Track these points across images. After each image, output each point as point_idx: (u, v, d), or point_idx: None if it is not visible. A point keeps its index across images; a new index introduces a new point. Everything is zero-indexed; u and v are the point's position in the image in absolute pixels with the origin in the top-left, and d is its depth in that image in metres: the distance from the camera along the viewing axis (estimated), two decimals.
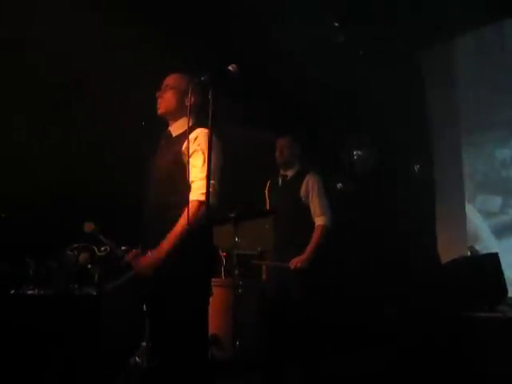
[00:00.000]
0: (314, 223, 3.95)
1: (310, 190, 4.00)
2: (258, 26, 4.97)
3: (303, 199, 3.99)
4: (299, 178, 4.06)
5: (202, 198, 2.50)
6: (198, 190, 2.57)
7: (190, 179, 2.66)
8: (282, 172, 4.17)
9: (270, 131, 4.64)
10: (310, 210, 3.99)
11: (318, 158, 5.07)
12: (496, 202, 5.25)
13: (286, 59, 5.14)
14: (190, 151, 2.67)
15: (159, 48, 4.59)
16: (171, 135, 2.86)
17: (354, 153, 6.00)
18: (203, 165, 2.58)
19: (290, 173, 4.13)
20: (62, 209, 4.32)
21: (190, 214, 2.53)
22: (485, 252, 4.62)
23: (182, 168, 2.66)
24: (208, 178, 2.32)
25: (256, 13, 4.85)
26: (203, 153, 2.61)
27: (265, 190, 4.30)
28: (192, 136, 2.69)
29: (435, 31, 5.41)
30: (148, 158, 2.97)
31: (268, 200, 4.25)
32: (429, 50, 5.87)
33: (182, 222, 2.55)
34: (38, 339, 3.21)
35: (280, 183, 4.17)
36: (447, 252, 5.12)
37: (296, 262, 3.79)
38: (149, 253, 2.63)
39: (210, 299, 2.72)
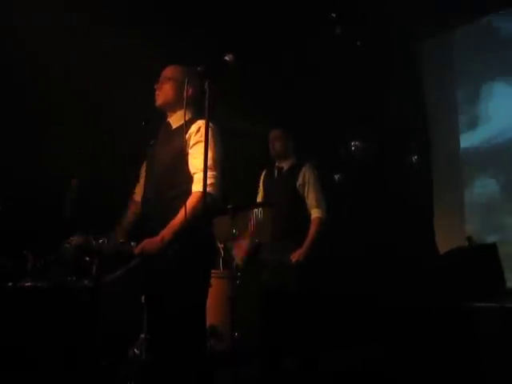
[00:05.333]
0: (310, 214, 3.97)
1: (307, 181, 4.01)
2: (255, 16, 4.97)
3: (300, 191, 4.00)
4: (295, 169, 4.08)
5: (207, 189, 2.48)
6: (201, 181, 2.54)
7: (193, 171, 2.66)
8: (277, 164, 4.18)
9: (267, 122, 4.63)
10: (306, 202, 4.01)
11: (316, 149, 5.06)
12: None
13: (283, 49, 5.13)
14: (193, 142, 2.68)
15: (157, 39, 4.58)
16: (170, 127, 2.86)
17: (352, 144, 5.99)
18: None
19: (285, 165, 4.15)
20: (60, 202, 4.31)
21: (193, 206, 2.53)
22: None
23: (183, 159, 2.66)
24: (205, 168, 2.32)
25: (254, 3, 4.85)
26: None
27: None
28: (194, 128, 2.70)
29: (434, 21, 5.39)
30: (147, 149, 2.96)
31: (263, 190, 4.26)
32: (428, 39, 5.85)
33: (185, 211, 2.53)
34: (36, 332, 3.21)
35: (276, 175, 4.17)
36: (445, 242, 5.12)
37: (296, 256, 3.81)
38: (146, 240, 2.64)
39: (209, 290, 2.72)
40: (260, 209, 4.21)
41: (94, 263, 3.55)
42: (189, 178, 2.67)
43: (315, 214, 3.97)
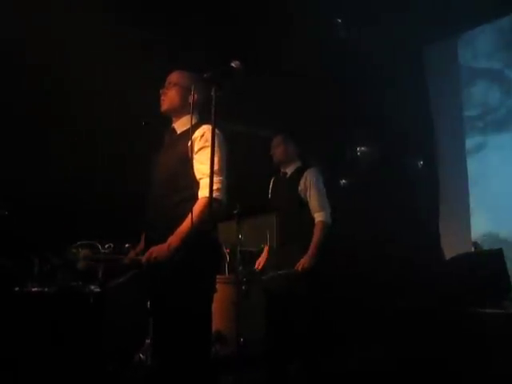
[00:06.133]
0: (314, 219, 3.96)
1: (308, 185, 4.00)
2: (260, 23, 4.98)
3: (302, 195, 3.99)
4: (298, 174, 4.07)
5: (213, 195, 2.48)
6: (207, 187, 2.52)
7: (198, 176, 2.66)
8: (282, 169, 4.19)
9: (273, 128, 4.64)
10: (309, 206, 4.00)
11: (321, 154, 5.06)
12: None
13: (288, 55, 5.14)
14: (198, 147, 2.68)
15: (162, 45, 4.61)
16: (175, 132, 2.87)
17: (358, 149, 5.99)
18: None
19: (289, 170, 4.14)
20: (66, 206, 4.33)
21: (200, 211, 2.53)
22: None
23: (188, 165, 2.66)
24: (211, 174, 2.32)
25: (259, 9, 4.87)
26: (210, 152, 2.60)
27: (268, 186, 4.30)
28: (199, 133, 2.70)
29: (440, 24, 5.40)
30: (152, 155, 2.97)
31: (270, 197, 4.26)
32: (433, 45, 5.86)
33: (191, 217, 2.53)
34: (43, 336, 3.22)
35: (280, 180, 4.17)
36: (451, 247, 5.11)
37: (302, 264, 3.79)
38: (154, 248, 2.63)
39: (214, 296, 2.72)
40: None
41: (100, 268, 3.57)
42: (193, 183, 2.67)
43: (318, 217, 3.94)
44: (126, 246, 3.36)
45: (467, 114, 5.64)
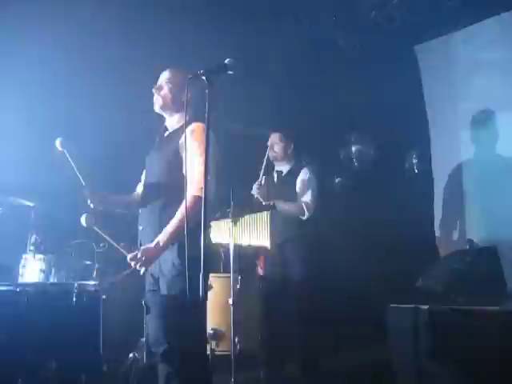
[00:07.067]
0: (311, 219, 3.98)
1: (306, 185, 4.01)
2: (256, 21, 4.99)
3: (300, 195, 4.00)
4: (294, 173, 4.07)
5: (199, 193, 2.48)
6: (195, 184, 2.55)
7: (188, 174, 2.65)
8: (276, 168, 4.19)
9: (268, 126, 4.64)
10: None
11: (316, 153, 5.07)
12: None
13: (285, 54, 5.15)
14: (188, 145, 2.67)
15: (155, 43, 4.60)
16: (168, 130, 2.87)
17: (353, 148, 5.99)
18: (200, 159, 2.56)
19: (284, 169, 4.16)
20: (61, 205, 4.32)
21: (188, 209, 2.53)
22: None
23: (179, 163, 2.66)
24: (205, 172, 2.31)
25: (255, 8, 4.87)
26: (199, 147, 2.60)
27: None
28: (188, 131, 2.69)
29: (435, 23, 5.40)
30: (146, 152, 2.97)
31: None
32: (427, 43, 5.85)
33: (179, 215, 2.55)
34: (37, 335, 3.21)
35: (276, 179, 4.17)
36: (446, 245, 5.12)
37: None
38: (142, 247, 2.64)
39: (209, 294, 2.72)
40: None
41: (96, 267, 3.56)
42: (182, 182, 2.67)
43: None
44: (121, 244, 3.36)
45: (471, 106, 5.60)
